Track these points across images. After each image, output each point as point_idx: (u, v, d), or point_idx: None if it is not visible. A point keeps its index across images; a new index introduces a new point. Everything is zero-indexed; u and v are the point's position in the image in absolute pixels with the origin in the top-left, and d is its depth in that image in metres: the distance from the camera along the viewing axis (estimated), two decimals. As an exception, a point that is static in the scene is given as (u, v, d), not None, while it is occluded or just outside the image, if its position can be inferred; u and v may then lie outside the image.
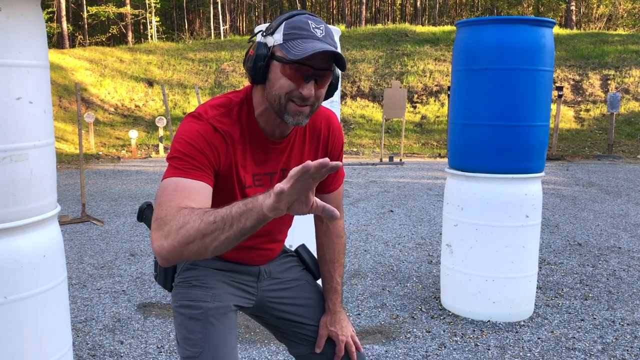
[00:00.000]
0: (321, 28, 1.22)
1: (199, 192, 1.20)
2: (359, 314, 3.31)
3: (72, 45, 26.63)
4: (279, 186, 0.90)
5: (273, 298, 1.54)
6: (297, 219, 1.66)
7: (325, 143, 1.47)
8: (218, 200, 1.29)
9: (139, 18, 30.97)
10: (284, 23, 1.23)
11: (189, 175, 1.21)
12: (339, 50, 1.25)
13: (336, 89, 1.35)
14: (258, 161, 1.36)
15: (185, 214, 1.08)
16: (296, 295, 1.57)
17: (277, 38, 1.23)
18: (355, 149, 14.04)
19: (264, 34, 1.28)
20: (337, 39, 3.63)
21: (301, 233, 2.14)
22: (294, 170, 0.89)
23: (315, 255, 1.66)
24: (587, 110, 16.05)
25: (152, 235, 1.13)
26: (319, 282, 1.66)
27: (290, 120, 1.26)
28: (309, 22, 1.22)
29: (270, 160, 1.38)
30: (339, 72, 1.32)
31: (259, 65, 1.24)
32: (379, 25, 25.63)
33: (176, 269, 1.47)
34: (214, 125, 1.27)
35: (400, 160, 11.85)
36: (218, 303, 1.39)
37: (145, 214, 1.57)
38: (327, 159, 0.88)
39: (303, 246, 1.68)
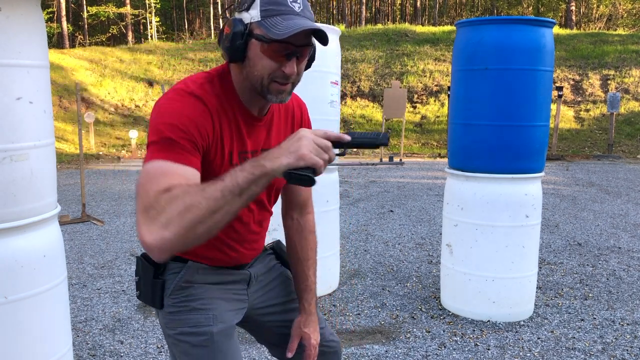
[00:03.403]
0: (298, 1, 1.16)
1: (189, 180, 1.08)
2: (359, 314, 3.31)
3: (72, 45, 26.63)
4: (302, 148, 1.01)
5: (259, 301, 1.50)
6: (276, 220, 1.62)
7: (299, 125, 1.44)
8: (202, 178, 1.19)
9: (139, 18, 30.99)
10: None
11: (177, 159, 1.10)
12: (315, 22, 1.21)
13: (313, 60, 1.30)
14: (242, 137, 1.30)
15: (182, 196, 0.99)
16: (279, 294, 1.54)
17: (253, 14, 1.16)
18: (355, 149, 14.04)
19: (238, 9, 1.21)
20: (336, 38, 3.63)
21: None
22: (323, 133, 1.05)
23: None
24: (587, 110, 16.05)
25: (143, 229, 0.99)
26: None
27: (273, 100, 1.22)
28: None
29: (253, 138, 1.32)
30: (315, 43, 1.27)
31: (238, 43, 1.17)
32: (379, 25, 25.63)
33: (165, 284, 1.34)
34: (201, 98, 1.19)
35: (400, 160, 11.85)
36: (222, 325, 1.33)
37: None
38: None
39: (278, 242, 1.62)
